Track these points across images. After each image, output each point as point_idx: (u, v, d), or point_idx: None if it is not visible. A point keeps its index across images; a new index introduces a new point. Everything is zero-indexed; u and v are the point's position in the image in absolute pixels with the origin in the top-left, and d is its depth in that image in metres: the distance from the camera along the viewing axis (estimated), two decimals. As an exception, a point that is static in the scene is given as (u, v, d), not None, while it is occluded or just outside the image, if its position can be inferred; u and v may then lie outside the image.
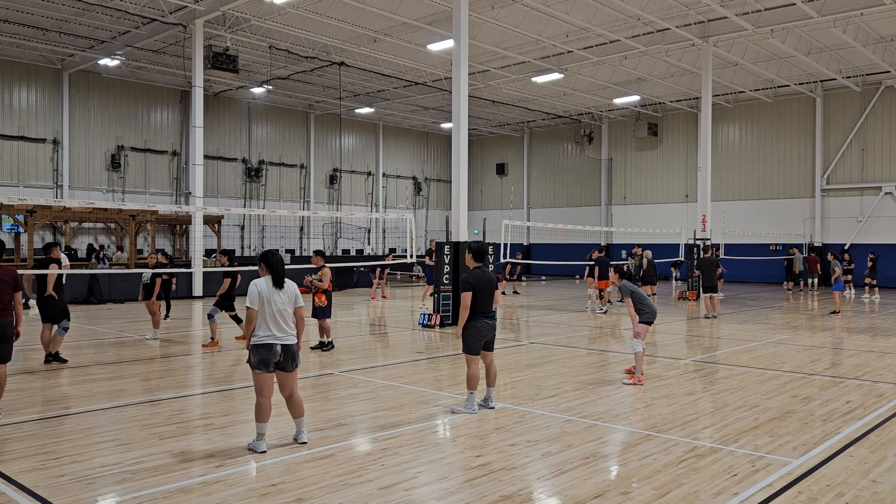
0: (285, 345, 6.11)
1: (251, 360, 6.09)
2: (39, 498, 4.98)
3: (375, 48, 25.36)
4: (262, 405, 6.09)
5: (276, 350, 6.05)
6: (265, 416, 6.11)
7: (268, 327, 6.05)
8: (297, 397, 6.34)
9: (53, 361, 10.45)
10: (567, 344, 13.08)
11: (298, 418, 6.35)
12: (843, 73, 27.99)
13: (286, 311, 6.15)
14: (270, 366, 6.09)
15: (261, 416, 6.10)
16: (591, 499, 5.02)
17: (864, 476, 5.55)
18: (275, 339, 6.05)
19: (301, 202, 35.84)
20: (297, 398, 6.34)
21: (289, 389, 6.26)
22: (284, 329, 6.11)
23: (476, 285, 7.38)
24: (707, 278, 17.90)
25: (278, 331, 6.07)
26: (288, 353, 6.14)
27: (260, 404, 6.09)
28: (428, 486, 5.30)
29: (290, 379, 6.24)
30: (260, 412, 6.10)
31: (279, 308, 6.10)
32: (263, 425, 6.12)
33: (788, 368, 10.47)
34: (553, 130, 40.56)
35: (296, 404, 6.33)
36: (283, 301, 6.14)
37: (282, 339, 6.09)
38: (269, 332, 6.05)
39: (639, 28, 22.81)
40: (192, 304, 21.21)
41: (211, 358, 11.44)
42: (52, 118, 27.62)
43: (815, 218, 31.04)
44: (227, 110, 33.04)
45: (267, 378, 6.10)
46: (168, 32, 23.02)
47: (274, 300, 6.08)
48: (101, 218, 24.86)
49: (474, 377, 7.48)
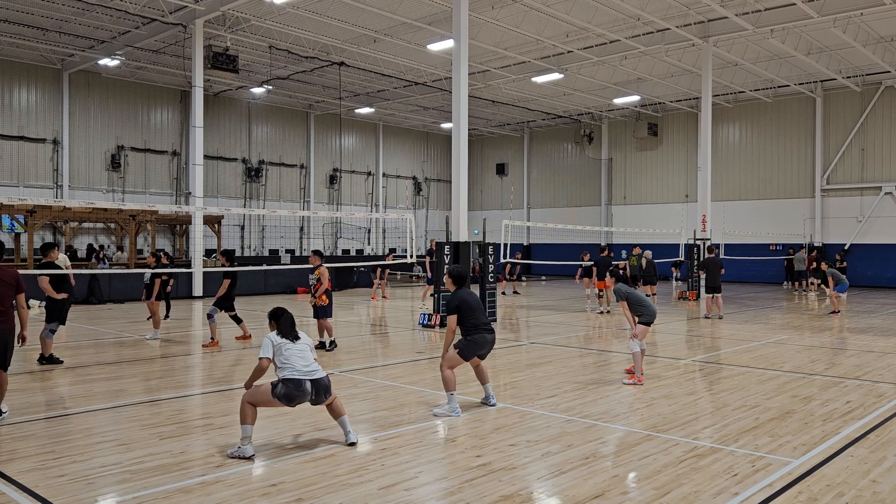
0: (314, 380, 6.00)
1: (277, 389, 5.91)
2: (39, 498, 4.98)
3: (375, 48, 25.36)
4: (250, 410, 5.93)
5: (305, 388, 5.93)
6: (252, 420, 5.94)
7: (293, 366, 5.98)
8: (337, 402, 6.29)
9: (46, 363, 10.33)
10: (567, 344, 13.08)
11: (340, 417, 6.30)
12: (843, 73, 27.99)
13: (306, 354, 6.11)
14: (294, 403, 5.97)
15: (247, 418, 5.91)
16: (591, 499, 5.02)
17: (864, 476, 5.55)
18: (302, 375, 5.95)
19: (301, 202, 35.84)
20: (337, 403, 6.29)
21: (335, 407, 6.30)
22: (308, 366, 6.04)
23: (460, 307, 7.47)
24: (711, 279, 17.79)
25: (303, 367, 6.00)
26: (320, 387, 6.04)
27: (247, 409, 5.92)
28: (428, 486, 5.30)
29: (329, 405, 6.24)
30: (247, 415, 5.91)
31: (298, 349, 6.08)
32: (248, 427, 5.91)
33: (788, 368, 10.47)
34: (553, 130, 40.56)
35: (335, 408, 6.28)
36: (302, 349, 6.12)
37: (309, 375, 5.99)
38: (294, 369, 5.97)
39: (639, 28, 22.81)
40: (192, 304, 21.22)
41: (211, 358, 11.44)
42: (52, 118, 27.62)
43: (815, 218, 31.03)
44: (227, 110, 33.04)
45: (273, 403, 5.95)
46: (168, 32, 23.02)
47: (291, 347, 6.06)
48: (101, 218, 24.86)
49: (451, 380, 7.38)
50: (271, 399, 5.94)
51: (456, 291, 7.72)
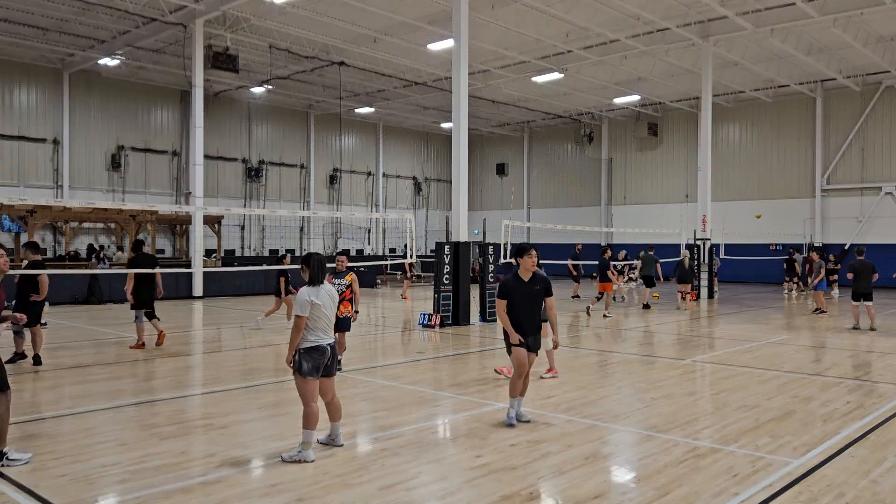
0: (331, 344, 6.06)
1: (303, 368, 5.88)
2: (39, 498, 4.98)
3: (375, 48, 25.35)
4: (314, 411, 5.92)
5: (326, 352, 5.97)
6: (315, 423, 5.93)
7: (315, 329, 5.95)
8: (337, 400, 6.28)
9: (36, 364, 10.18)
10: (567, 344, 13.07)
11: (335, 422, 6.25)
12: (843, 72, 27.97)
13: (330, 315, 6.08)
14: (321, 370, 5.97)
15: (311, 422, 5.89)
16: (591, 499, 5.02)
17: (864, 476, 5.54)
18: (321, 340, 5.97)
19: (301, 202, 35.83)
20: (337, 401, 6.28)
21: (331, 393, 6.19)
22: (329, 332, 6.07)
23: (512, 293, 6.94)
24: (862, 284, 15.04)
25: (326, 334, 6.02)
26: (334, 355, 6.10)
27: (312, 412, 5.90)
28: (428, 486, 5.29)
29: (331, 382, 6.17)
30: (311, 419, 5.89)
31: (325, 312, 6.01)
32: (311, 433, 5.91)
33: (789, 368, 10.46)
34: (553, 130, 40.56)
35: (335, 407, 6.24)
36: (328, 305, 6.04)
37: (329, 340, 6.04)
38: (315, 333, 5.95)
39: (639, 28, 22.79)
40: (191, 304, 21.22)
41: (211, 358, 11.44)
42: (52, 118, 27.61)
43: (815, 218, 31.02)
44: (227, 110, 33.03)
45: (315, 384, 5.94)
46: (168, 32, 23.01)
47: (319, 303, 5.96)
48: (102, 218, 24.86)
49: (519, 383, 7.09)
50: (307, 384, 5.90)
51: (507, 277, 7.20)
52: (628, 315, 18.47)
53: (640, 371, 10.25)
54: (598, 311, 18.23)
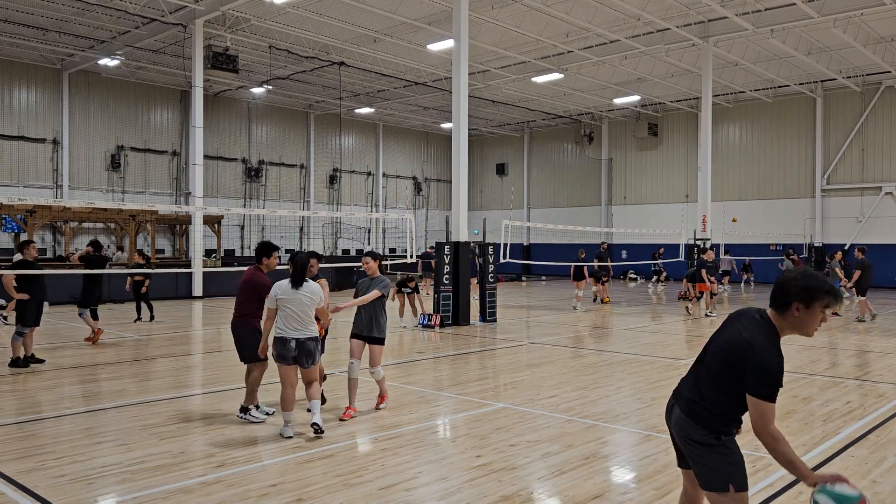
0: (299, 339, 6.47)
1: (273, 353, 6.57)
2: (39, 498, 4.98)
3: (375, 48, 25.36)
4: (285, 395, 6.55)
5: (289, 345, 6.45)
6: (289, 406, 6.55)
7: (283, 323, 6.49)
8: (316, 386, 6.74)
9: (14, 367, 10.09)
10: (567, 344, 13.07)
11: (313, 400, 6.66)
12: (843, 73, 27.98)
13: (304, 312, 6.51)
14: (288, 359, 6.50)
15: (285, 405, 6.55)
16: (591, 499, 5.02)
17: (864, 476, 5.54)
18: (286, 333, 6.47)
19: (301, 202, 35.84)
20: (316, 386, 6.73)
21: (307, 379, 6.68)
22: (297, 327, 6.48)
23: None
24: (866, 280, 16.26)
25: (291, 328, 6.47)
26: (302, 349, 6.48)
27: (283, 395, 6.57)
28: (428, 486, 5.29)
29: (306, 374, 6.66)
30: (283, 402, 6.57)
31: (297, 307, 6.48)
32: (289, 413, 6.54)
33: (789, 368, 10.45)
34: (553, 130, 40.55)
35: (313, 390, 6.70)
36: (303, 301, 6.50)
37: (294, 334, 6.47)
38: (282, 327, 6.50)
39: (639, 28, 22.80)
40: (191, 304, 21.21)
41: (211, 358, 11.44)
42: (52, 118, 27.62)
43: (815, 218, 31.03)
44: (227, 110, 33.03)
45: (287, 370, 6.55)
46: (168, 32, 23.01)
47: (291, 300, 6.49)
48: (101, 218, 24.85)
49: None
50: (279, 370, 6.59)
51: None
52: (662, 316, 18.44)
53: (640, 371, 10.25)
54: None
